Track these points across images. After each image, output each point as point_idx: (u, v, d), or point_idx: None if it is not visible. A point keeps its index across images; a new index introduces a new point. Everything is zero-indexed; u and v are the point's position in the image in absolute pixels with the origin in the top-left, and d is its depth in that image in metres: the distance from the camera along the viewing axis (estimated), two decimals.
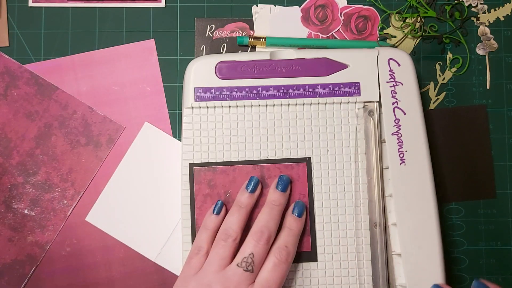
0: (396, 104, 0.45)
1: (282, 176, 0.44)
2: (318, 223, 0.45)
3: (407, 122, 0.45)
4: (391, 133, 0.45)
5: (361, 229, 0.45)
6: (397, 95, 0.46)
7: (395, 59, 0.46)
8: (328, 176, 0.46)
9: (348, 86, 0.46)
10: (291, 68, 0.46)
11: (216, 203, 0.44)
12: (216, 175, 0.45)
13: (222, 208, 0.44)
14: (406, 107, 0.46)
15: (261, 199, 0.45)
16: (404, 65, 0.46)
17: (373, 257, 0.45)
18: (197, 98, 0.46)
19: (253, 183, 0.44)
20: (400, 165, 0.45)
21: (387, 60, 0.46)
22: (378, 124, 0.46)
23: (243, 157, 0.46)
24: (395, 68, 0.46)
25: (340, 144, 0.46)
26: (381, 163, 0.45)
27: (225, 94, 0.46)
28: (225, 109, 0.46)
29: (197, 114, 0.46)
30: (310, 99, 0.46)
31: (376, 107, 0.46)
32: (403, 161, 0.45)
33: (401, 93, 0.46)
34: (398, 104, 0.46)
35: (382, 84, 0.46)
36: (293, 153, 0.46)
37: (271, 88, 0.46)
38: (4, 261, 0.49)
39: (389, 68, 0.46)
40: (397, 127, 0.45)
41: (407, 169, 0.45)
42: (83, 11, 0.51)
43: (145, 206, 0.49)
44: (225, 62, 0.46)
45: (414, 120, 0.45)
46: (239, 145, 0.46)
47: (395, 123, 0.45)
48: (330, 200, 0.45)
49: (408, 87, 0.46)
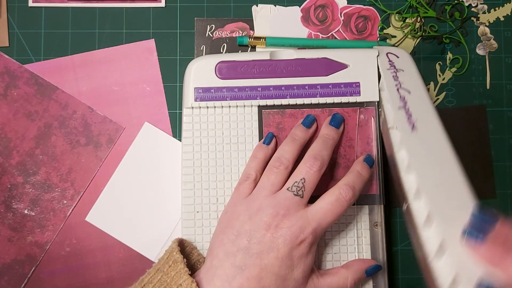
0: (399, 85, 0.44)
1: (335, 114, 0.45)
2: None
3: (413, 98, 0.43)
4: (398, 107, 0.42)
5: (361, 229, 0.45)
6: (399, 78, 0.44)
7: (392, 52, 0.46)
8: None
9: (348, 86, 0.46)
10: (291, 68, 0.46)
11: (267, 135, 0.45)
12: (285, 118, 0.46)
13: (272, 139, 0.45)
14: (411, 87, 0.44)
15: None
16: (402, 56, 0.46)
17: (373, 257, 0.45)
18: (197, 98, 0.46)
19: (309, 119, 0.45)
20: (412, 131, 0.41)
21: (385, 54, 0.46)
22: (378, 124, 0.46)
23: (243, 156, 0.46)
24: (394, 59, 0.46)
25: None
26: (381, 162, 0.45)
27: (225, 94, 0.46)
28: (225, 109, 0.46)
29: (197, 114, 0.46)
30: (310, 99, 0.46)
31: (376, 107, 0.46)
32: (414, 128, 0.41)
33: (403, 77, 0.44)
34: (401, 85, 0.44)
35: (383, 72, 0.45)
36: None
37: (271, 88, 0.46)
38: (3, 261, 0.49)
39: (388, 59, 0.46)
40: (403, 102, 0.43)
41: (419, 135, 0.41)
42: (83, 11, 0.51)
43: (145, 206, 0.49)
44: (225, 62, 0.46)
45: (421, 97, 0.43)
46: (239, 145, 0.46)
47: (401, 99, 0.43)
48: None
49: (409, 73, 0.45)
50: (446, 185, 0.38)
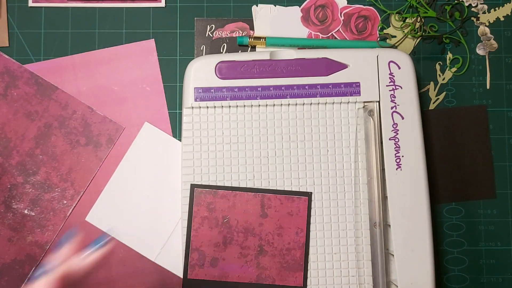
0: (394, 108, 0.45)
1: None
2: (318, 223, 0.45)
3: (405, 127, 0.45)
4: (389, 137, 0.45)
5: (361, 229, 0.45)
6: (396, 99, 0.46)
7: (395, 62, 0.46)
8: (328, 176, 0.45)
9: (348, 86, 0.46)
10: (291, 68, 0.46)
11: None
12: (216, 199, 0.45)
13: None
14: (405, 112, 0.46)
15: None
16: (404, 67, 0.46)
17: (373, 257, 0.45)
18: (197, 98, 0.46)
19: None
20: (396, 170, 0.45)
21: (387, 62, 0.46)
22: (378, 124, 0.46)
23: (243, 156, 0.46)
24: (395, 71, 0.46)
25: (340, 144, 0.46)
26: (381, 163, 0.45)
27: (225, 94, 0.46)
28: (225, 109, 0.46)
29: (197, 114, 0.46)
30: (310, 99, 0.46)
31: (376, 107, 0.46)
32: (399, 166, 0.45)
33: (400, 96, 0.46)
34: (397, 108, 0.45)
35: (382, 87, 0.46)
36: (293, 153, 0.46)
37: (271, 88, 0.46)
38: (3, 261, 0.49)
39: (389, 71, 0.46)
40: (395, 132, 0.45)
41: (403, 174, 0.45)
42: (83, 11, 0.51)
43: (145, 206, 0.49)
44: (225, 62, 0.46)
45: (412, 125, 0.45)
46: (239, 145, 0.46)
47: (393, 127, 0.45)
48: (330, 200, 0.45)
49: (407, 91, 0.46)
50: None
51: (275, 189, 0.45)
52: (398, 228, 0.44)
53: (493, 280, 0.50)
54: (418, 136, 0.45)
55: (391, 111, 0.45)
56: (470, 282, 0.50)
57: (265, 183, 0.45)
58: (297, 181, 0.46)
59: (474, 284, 0.50)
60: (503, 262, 0.50)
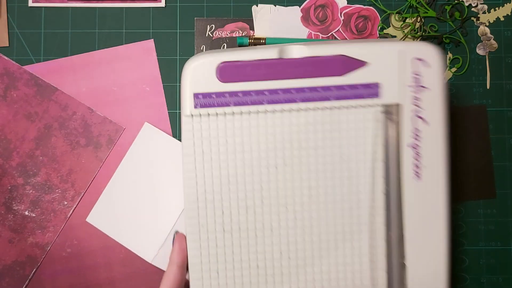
0: (418, 112, 0.40)
1: None
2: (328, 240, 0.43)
3: (429, 134, 0.40)
4: (409, 144, 0.40)
5: (376, 239, 0.43)
6: (421, 101, 0.40)
7: (423, 59, 0.40)
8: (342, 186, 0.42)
9: (365, 88, 0.41)
10: (302, 67, 0.41)
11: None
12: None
13: None
14: (430, 117, 0.40)
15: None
16: (434, 66, 0.40)
17: (389, 269, 0.43)
18: (197, 105, 0.40)
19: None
20: (415, 179, 0.40)
21: (411, 59, 0.40)
22: (397, 129, 0.41)
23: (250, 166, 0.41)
24: (422, 69, 0.40)
25: (355, 151, 0.41)
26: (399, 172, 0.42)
27: (228, 100, 0.40)
28: (228, 116, 0.41)
29: (198, 122, 0.41)
30: (323, 103, 0.40)
31: (397, 111, 0.41)
32: (418, 176, 0.40)
33: (426, 99, 0.40)
34: (421, 112, 0.40)
35: (404, 88, 0.40)
36: (304, 161, 0.42)
37: (279, 92, 0.40)
38: (4, 262, 0.49)
39: (414, 69, 0.40)
40: (416, 139, 0.40)
41: (423, 185, 0.40)
42: (83, 11, 0.51)
43: (145, 206, 0.49)
44: (226, 63, 0.41)
45: (437, 132, 0.40)
46: (244, 154, 0.41)
47: (414, 134, 0.40)
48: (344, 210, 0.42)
49: (434, 93, 0.40)
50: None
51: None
52: (414, 241, 0.41)
53: (493, 280, 0.50)
54: (443, 144, 0.41)
55: (414, 115, 0.40)
56: (470, 282, 0.50)
57: (274, 194, 0.41)
58: (308, 191, 0.42)
59: (474, 284, 0.50)
60: (503, 262, 0.50)
